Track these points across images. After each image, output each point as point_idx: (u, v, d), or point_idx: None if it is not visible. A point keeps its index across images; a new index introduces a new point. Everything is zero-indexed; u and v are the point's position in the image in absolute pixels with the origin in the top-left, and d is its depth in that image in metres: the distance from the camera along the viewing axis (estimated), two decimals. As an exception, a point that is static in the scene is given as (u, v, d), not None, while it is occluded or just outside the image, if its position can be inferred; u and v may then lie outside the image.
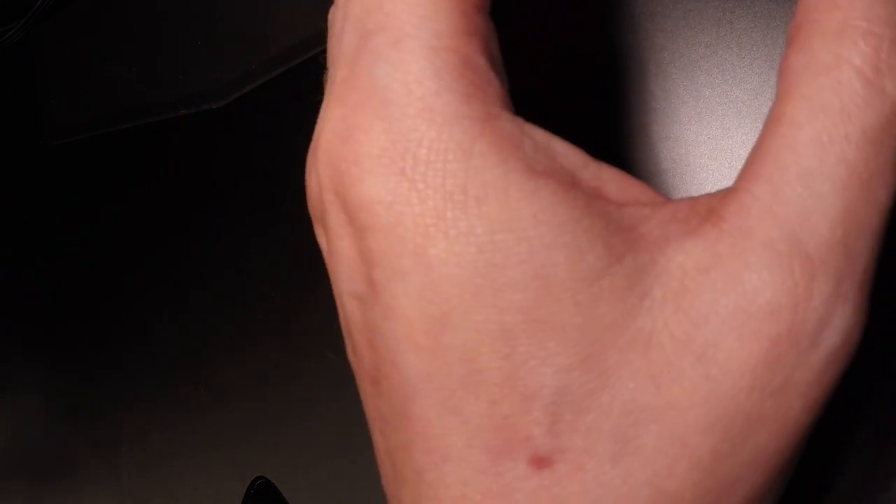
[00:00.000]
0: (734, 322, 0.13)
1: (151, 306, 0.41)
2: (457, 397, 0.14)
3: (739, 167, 0.24)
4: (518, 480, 0.14)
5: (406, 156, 0.14)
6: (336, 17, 0.17)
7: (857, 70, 0.13)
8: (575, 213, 0.14)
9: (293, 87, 0.36)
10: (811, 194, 0.13)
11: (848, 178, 0.13)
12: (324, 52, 0.19)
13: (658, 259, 0.14)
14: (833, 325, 0.13)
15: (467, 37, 0.14)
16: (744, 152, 0.24)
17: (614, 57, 0.25)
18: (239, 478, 0.37)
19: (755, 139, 0.24)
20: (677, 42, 0.25)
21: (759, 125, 0.24)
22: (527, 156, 0.14)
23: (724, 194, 0.14)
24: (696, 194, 0.15)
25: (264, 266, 0.37)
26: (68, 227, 0.45)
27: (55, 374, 0.46)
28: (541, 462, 0.14)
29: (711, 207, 0.14)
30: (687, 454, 0.13)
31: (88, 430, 0.44)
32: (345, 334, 0.18)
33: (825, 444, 0.20)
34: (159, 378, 0.41)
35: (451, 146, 0.14)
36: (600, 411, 0.14)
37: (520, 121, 0.15)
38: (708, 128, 0.24)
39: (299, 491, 0.35)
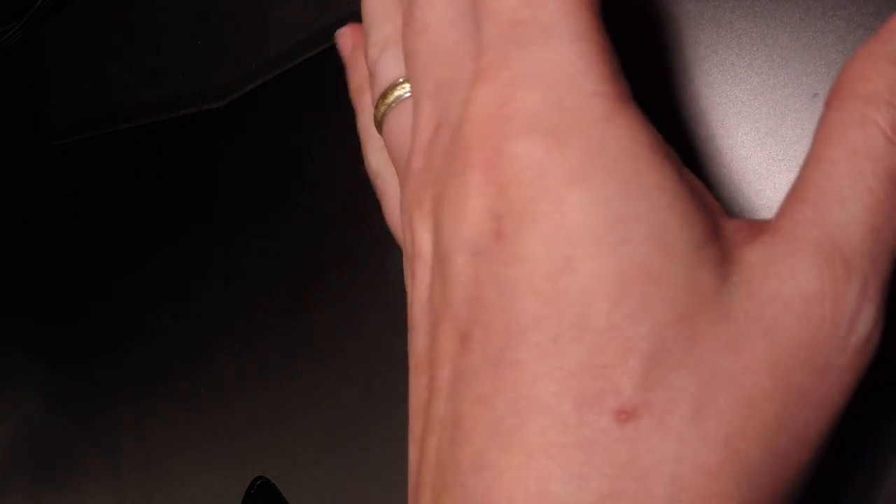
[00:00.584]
0: (792, 305, 0.16)
1: (151, 306, 0.41)
2: (560, 342, 0.15)
3: (740, 167, 0.24)
4: (600, 433, 0.15)
5: (557, 121, 0.16)
6: (446, 12, 0.19)
7: (881, 128, 0.16)
8: (685, 192, 0.16)
9: (293, 87, 0.36)
10: (846, 213, 0.16)
11: (873, 203, 0.16)
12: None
13: (733, 253, 0.16)
14: (861, 318, 0.16)
15: (602, 32, 0.17)
16: (744, 152, 0.24)
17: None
18: (239, 478, 0.37)
19: (755, 139, 0.24)
20: (677, 42, 0.25)
21: (759, 125, 0.24)
22: (651, 135, 0.16)
23: (776, 217, 0.17)
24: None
25: (264, 265, 0.37)
26: (68, 227, 0.45)
27: (56, 372, 0.46)
28: (626, 416, 0.15)
29: (767, 225, 0.17)
30: (757, 417, 0.15)
31: (89, 430, 0.44)
32: (428, 306, 0.19)
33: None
34: (159, 378, 0.41)
35: (596, 115, 0.16)
36: (686, 371, 0.15)
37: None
38: (708, 128, 0.24)
39: (299, 491, 0.35)
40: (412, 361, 0.20)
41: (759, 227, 0.17)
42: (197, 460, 0.39)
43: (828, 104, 0.18)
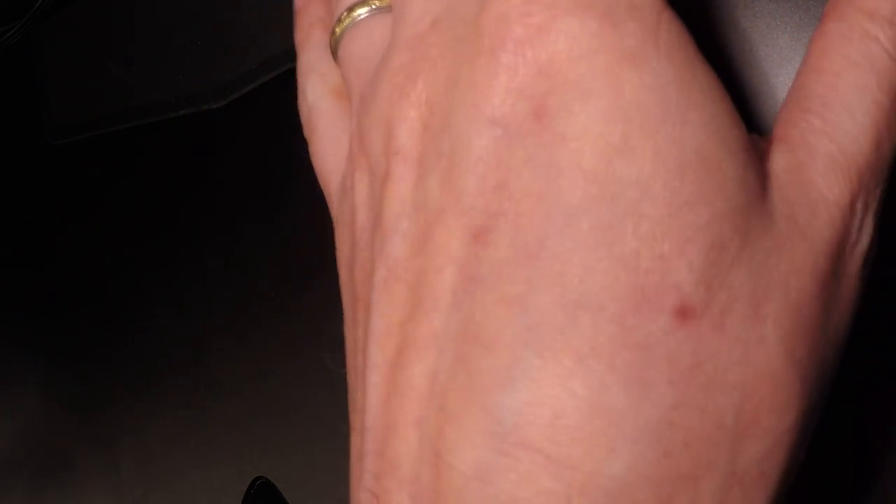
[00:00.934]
0: (818, 209, 0.15)
1: (151, 305, 0.41)
2: (615, 229, 0.14)
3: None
4: (660, 334, 0.14)
5: (608, 3, 0.15)
6: None
7: (883, 47, 0.16)
8: (725, 95, 0.16)
9: (293, 87, 0.36)
10: (854, 122, 0.16)
11: (879, 115, 0.16)
12: None
13: (762, 164, 0.16)
14: (865, 228, 0.16)
15: None
16: (744, 152, 0.24)
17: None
18: (239, 478, 0.37)
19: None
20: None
21: (759, 124, 0.24)
22: (683, 26, 0.16)
23: (779, 126, 0.17)
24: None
25: (264, 266, 0.37)
26: (68, 227, 0.45)
27: (55, 371, 0.46)
28: (686, 314, 0.14)
29: (775, 135, 0.17)
30: (804, 319, 0.15)
31: (89, 429, 0.44)
32: (416, 205, 0.16)
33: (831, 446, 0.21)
34: (159, 377, 0.41)
35: (648, 5, 0.15)
36: (742, 269, 0.14)
37: None
38: (708, 128, 0.24)
39: (299, 491, 0.35)
40: (379, 276, 0.17)
41: (768, 139, 0.17)
42: (197, 460, 0.39)
43: (826, 15, 0.17)
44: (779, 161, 0.16)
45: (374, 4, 0.20)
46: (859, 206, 0.16)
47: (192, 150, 0.39)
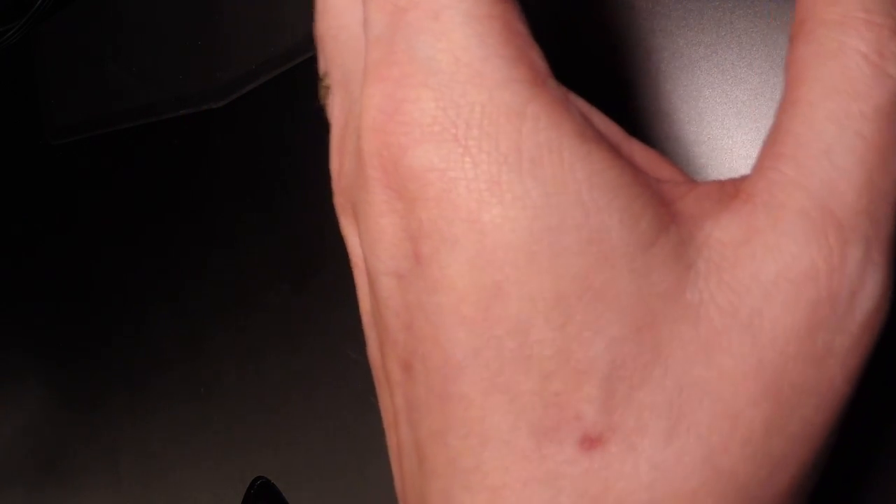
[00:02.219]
0: (776, 290, 0.13)
1: (151, 305, 0.41)
2: (505, 374, 0.14)
3: (740, 167, 0.24)
4: (565, 464, 0.14)
5: (458, 121, 0.14)
6: (342, 8, 0.17)
7: (863, 55, 0.14)
8: (625, 179, 0.14)
9: (293, 87, 0.36)
10: (834, 167, 0.14)
11: (866, 150, 0.14)
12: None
13: (696, 234, 0.14)
14: (866, 289, 0.14)
15: (505, 4, 0.14)
16: (744, 152, 0.24)
17: (614, 57, 0.25)
18: (239, 478, 0.37)
19: (755, 139, 0.24)
20: (677, 42, 0.25)
21: (760, 125, 0.24)
22: (576, 120, 0.14)
23: (750, 175, 0.15)
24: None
25: (263, 265, 0.37)
26: (68, 227, 0.45)
27: (55, 371, 0.46)
28: (591, 443, 0.13)
29: (740, 187, 0.14)
30: (740, 428, 0.13)
31: (89, 429, 0.44)
32: (373, 321, 0.17)
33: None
34: (159, 377, 0.41)
35: (503, 109, 0.14)
36: (653, 386, 0.13)
37: (563, 87, 0.15)
38: (708, 128, 0.24)
39: (299, 491, 0.35)
40: (374, 374, 0.18)
41: (731, 190, 0.15)
42: (197, 460, 0.39)
43: (792, 38, 0.15)
44: (730, 228, 0.14)
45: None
46: (851, 268, 0.13)
47: (192, 150, 0.39)
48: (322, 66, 0.20)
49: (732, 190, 0.15)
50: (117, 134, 0.42)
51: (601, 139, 0.14)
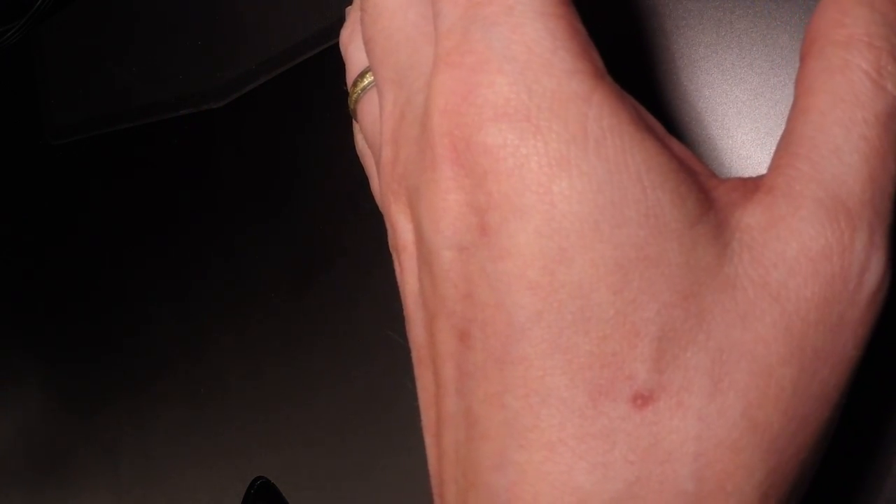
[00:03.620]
0: (798, 266, 0.15)
1: (151, 305, 0.41)
2: (566, 335, 0.15)
3: (739, 167, 0.24)
4: (619, 420, 0.15)
5: (530, 104, 0.15)
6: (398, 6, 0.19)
7: (865, 72, 0.16)
8: (674, 165, 0.16)
9: (293, 87, 0.36)
10: (843, 164, 0.16)
11: (869, 151, 0.16)
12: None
13: (729, 220, 0.16)
14: (871, 268, 0.16)
15: (568, 6, 0.16)
16: (744, 152, 0.24)
17: (614, 57, 0.25)
18: (239, 478, 0.37)
19: (755, 139, 0.24)
20: (677, 42, 0.25)
21: (759, 125, 0.24)
22: (631, 111, 0.16)
23: (769, 172, 0.17)
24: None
25: (264, 266, 0.37)
26: (68, 227, 0.45)
27: (55, 371, 0.46)
28: (643, 400, 0.15)
29: (761, 182, 0.17)
30: (773, 384, 0.15)
31: (88, 430, 0.44)
32: (422, 300, 0.18)
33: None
34: (159, 377, 0.41)
35: (572, 95, 0.15)
36: (698, 348, 0.15)
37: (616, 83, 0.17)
38: (708, 128, 0.24)
39: (299, 491, 0.35)
40: (414, 354, 0.20)
41: (753, 185, 0.17)
42: (197, 460, 0.39)
43: (804, 55, 0.17)
44: (756, 214, 0.16)
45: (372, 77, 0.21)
46: (858, 248, 0.15)
47: (192, 150, 0.39)
48: (355, 68, 0.22)
49: (754, 185, 0.17)
50: (117, 134, 0.42)
51: (651, 130, 0.16)
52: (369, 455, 0.33)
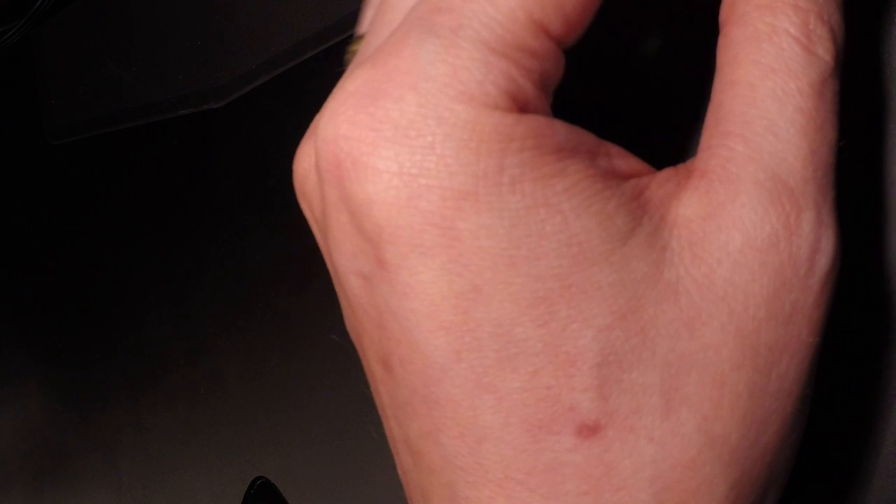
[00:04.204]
0: (744, 258, 0.14)
1: (151, 305, 0.41)
2: (491, 373, 0.14)
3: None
4: (565, 453, 0.14)
5: (437, 132, 0.14)
6: None
7: (794, 37, 0.15)
8: (598, 186, 0.14)
9: (293, 87, 0.36)
10: (779, 140, 0.15)
11: (806, 123, 0.15)
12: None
13: (666, 216, 0.15)
14: (821, 248, 0.15)
15: (529, 56, 0.14)
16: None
17: (614, 57, 0.25)
18: (239, 478, 0.37)
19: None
20: (678, 42, 0.25)
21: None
22: (554, 137, 0.14)
23: (700, 154, 0.16)
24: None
25: (263, 266, 0.37)
26: (68, 227, 0.45)
27: (56, 372, 0.46)
28: (588, 430, 0.14)
29: (693, 166, 0.15)
30: (727, 392, 0.14)
31: (89, 430, 0.44)
32: (347, 312, 0.17)
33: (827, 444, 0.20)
34: (159, 377, 0.41)
35: (491, 129, 0.14)
36: (644, 366, 0.14)
37: (547, 105, 0.15)
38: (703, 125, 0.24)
39: (299, 491, 0.35)
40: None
41: (685, 171, 0.15)
42: (197, 460, 0.39)
43: (724, 22, 0.16)
44: (693, 206, 0.15)
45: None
46: (806, 230, 0.14)
47: (192, 150, 0.39)
48: (361, 29, 0.20)
49: (686, 170, 0.15)
50: (117, 134, 0.42)
51: (576, 153, 0.15)
52: (369, 455, 0.33)
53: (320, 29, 0.34)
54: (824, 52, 0.15)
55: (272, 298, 0.36)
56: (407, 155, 0.14)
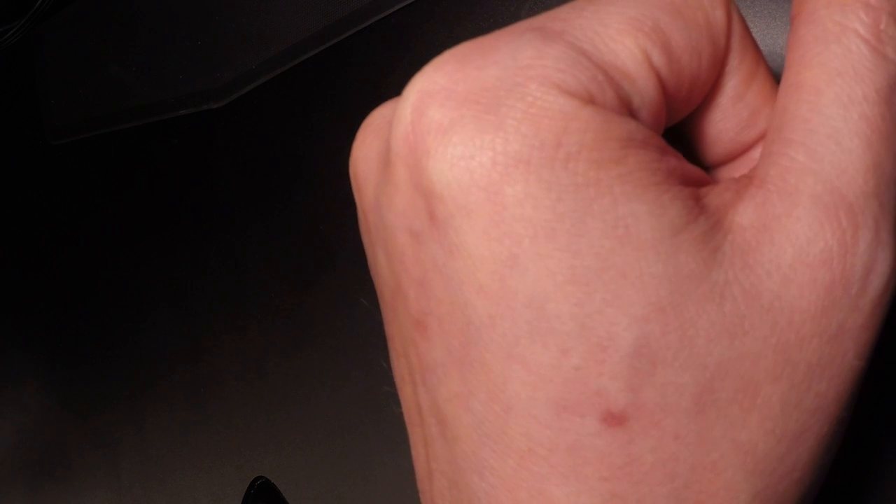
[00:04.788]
0: (794, 274, 0.14)
1: (151, 305, 0.41)
2: (523, 345, 0.14)
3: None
4: (588, 437, 0.14)
5: (506, 101, 0.14)
6: None
7: (863, 38, 0.14)
8: (656, 179, 0.14)
9: (293, 87, 0.36)
10: (843, 150, 0.14)
11: (871, 132, 0.14)
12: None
13: (722, 221, 0.14)
14: (876, 269, 0.14)
15: (622, 74, 0.15)
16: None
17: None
18: (239, 478, 0.37)
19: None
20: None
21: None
22: (622, 128, 0.14)
23: (761, 161, 0.15)
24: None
25: (263, 266, 0.37)
26: (68, 227, 0.45)
27: (56, 372, 0.46)
28: (613, 419, 0.14)
29: (753, 174, 0.15)
30: (759, 404, 0.14)
31: (89, 430, 0.44)
32: (384, 272, 0.17)
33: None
34: (159, 377, 0.41)
35: (556, 109, 0.14)
36: (679, 366, 0.14)
37: (625, 101, 0.15)
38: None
39: (299, 491, 0.35)
40: (386, 328, 0.19)
41: (745, 180, 0.15)
42: (197, 460, 0.39)
43: (794, 18, 0.15)
44: (748, 215, 0.14)
45: None
46: (862, 249, 0.14)
47: (192, 150, 0.39)
48: None
49: (746, 179, 0.15)
50: (117, 134, 0.42)
51: (642, 147, 0.15)
52: (369, 455, 0.33)
53: (320, 29, 0.34)
54: (894, 52, 0.14)
55: (272, 297, 0.36)
56: (471, 116, 0.14)
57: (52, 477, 0.45)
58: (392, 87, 0.32)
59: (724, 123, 0.17)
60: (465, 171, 0.14)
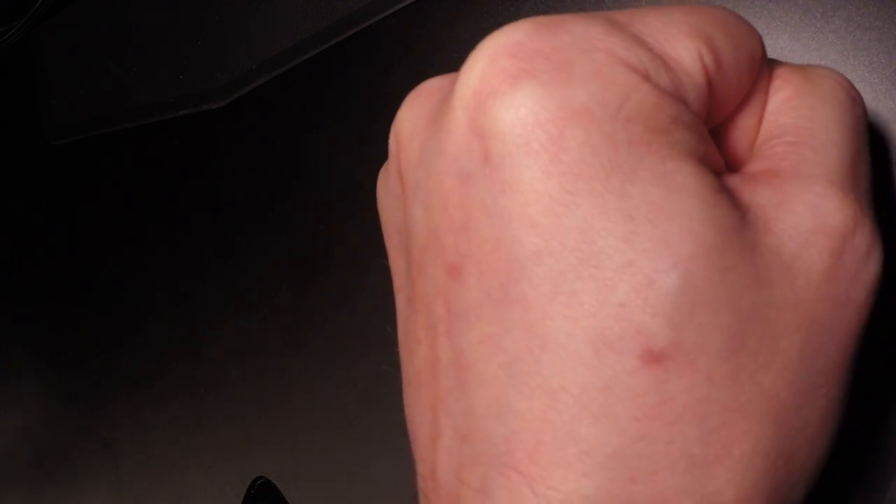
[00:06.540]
0: (813, 239, 0.15)
1: (151, 305, 0.41)
2: (569, 279, 0.14)
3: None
4: (625, 375, 0.14)
5: (577, 59, 0.15)
6: None
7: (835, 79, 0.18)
8: (696, 155, 0.15)
9: (293, 87, 0.36)
10: (843, 153, 0.16)
11: (859, 145, 0.17)
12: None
13: (741, 200, 0.16)
14: (874, 255, 0.16)
15: (676, 64, 0.16)
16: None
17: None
18: (239, 478, 0.37)
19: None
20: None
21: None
22: (674, 107, 0.15)
23: (763, 161, 0.17)
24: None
25: (264, 266, 0.37)
26: (68, 226, 0.45)
27: (55, 371, 0.46)
28: (652, 357, 0.14)
29: (759, 172, 0.17)
30: (781, 353, 0.15)
31: (89, 429, 0.44)
32: (419, 224, 0.17)
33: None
34: (159, 377, 0.41)
35: (621, 78, 0.15)
36: (717, 307, 0.14)
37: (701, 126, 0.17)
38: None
39: (299, 491, 0.35)
40: (398, 295, 0.19)
41: (749, 176, 0.17)
42: (197, 459, 0.39)
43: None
44: (766, 194, 0.16)
45: None
46: (867, 230, 0.16)
47: (192, 150, 0.39)
48: None
49: (751, 175, 0.17)
50: (117, 134, 0.42)
51: (689, 129, 0.16)
52: (369, 455, 0.33)
53: (320, 29, 0.34)
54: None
55: (272, 298, 0.36)
56: (542, 69, 0.15)
57: (51, 476, 0.45)
58: (392, 87, 0.32)
59: (737, 142, 0.18)
60: (530, 113, 0.15)
